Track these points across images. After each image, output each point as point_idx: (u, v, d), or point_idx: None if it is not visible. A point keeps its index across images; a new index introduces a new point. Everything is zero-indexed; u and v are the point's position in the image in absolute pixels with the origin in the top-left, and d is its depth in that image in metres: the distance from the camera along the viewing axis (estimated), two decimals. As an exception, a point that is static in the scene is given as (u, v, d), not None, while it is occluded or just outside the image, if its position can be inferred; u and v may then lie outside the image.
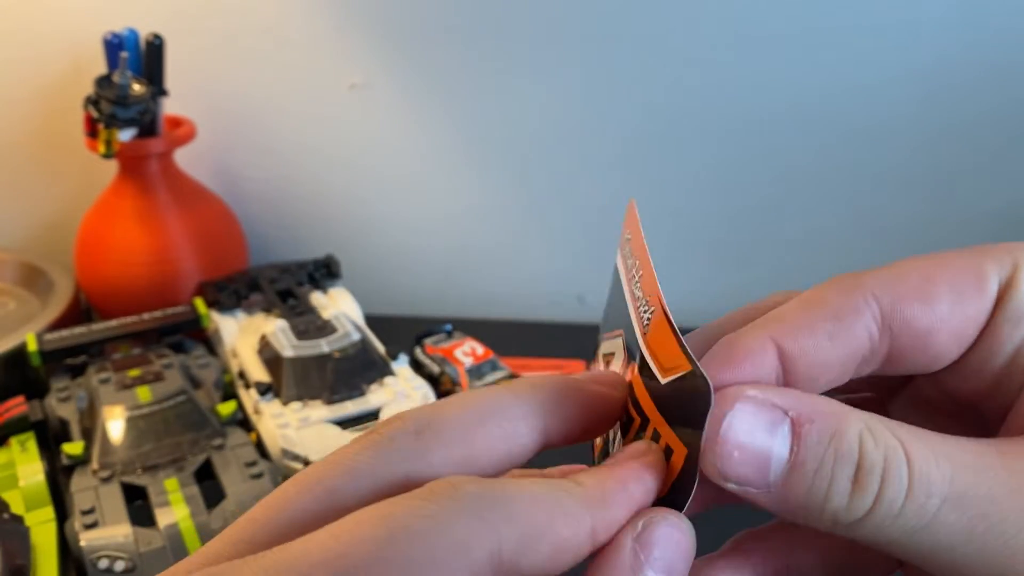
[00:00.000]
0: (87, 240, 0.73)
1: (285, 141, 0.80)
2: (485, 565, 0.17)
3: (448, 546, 0.17)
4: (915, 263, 0.21)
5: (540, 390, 0.21)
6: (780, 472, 0.19)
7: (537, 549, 0.18)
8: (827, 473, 0.18)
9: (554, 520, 0.18)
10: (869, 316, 0.21)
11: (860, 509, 0.18)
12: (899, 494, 0.18)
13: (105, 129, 0.65)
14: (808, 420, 0.19)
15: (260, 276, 0.72)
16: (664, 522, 0.19)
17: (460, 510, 0.17)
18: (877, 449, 0.18)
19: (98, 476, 0.51)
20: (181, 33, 0.73)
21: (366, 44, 0.75)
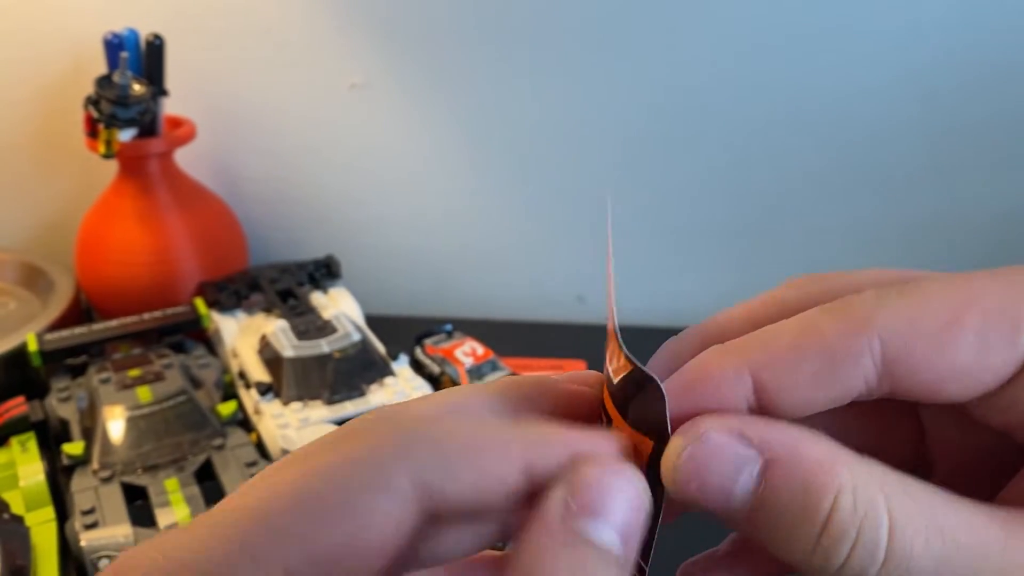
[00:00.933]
0: (87, 240, 0.73)
1: (285, 141, 0.80)
2: (409, 494, 0.17)
3: (366, 475, 0.17)
4: (937, 294, 0.18)
5: (510, 387, 0.21)
6: (743, 504, 0.17)
7: (461, 477, 0.17)
8: (788, 525, 0.17)
9: (479, 447, 0.18)
10: (869, 362, 0.18)
11: (825, 568, 0.17)
12: (874, 561, 0.16)
13: (105, 129, 0.65)
14: (782, 469, 0.17)
15: (260, 276, 0.72)
16: (602, 468, 0.17)
17: (378, 444, 0.17)
18: (855, 511, 0.16)
19: (98, 476, 0.51)
20: (181, 33, 0.73)
21: (366, 44, 0.75)
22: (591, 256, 0.81)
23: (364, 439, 0.18)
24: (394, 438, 0.18)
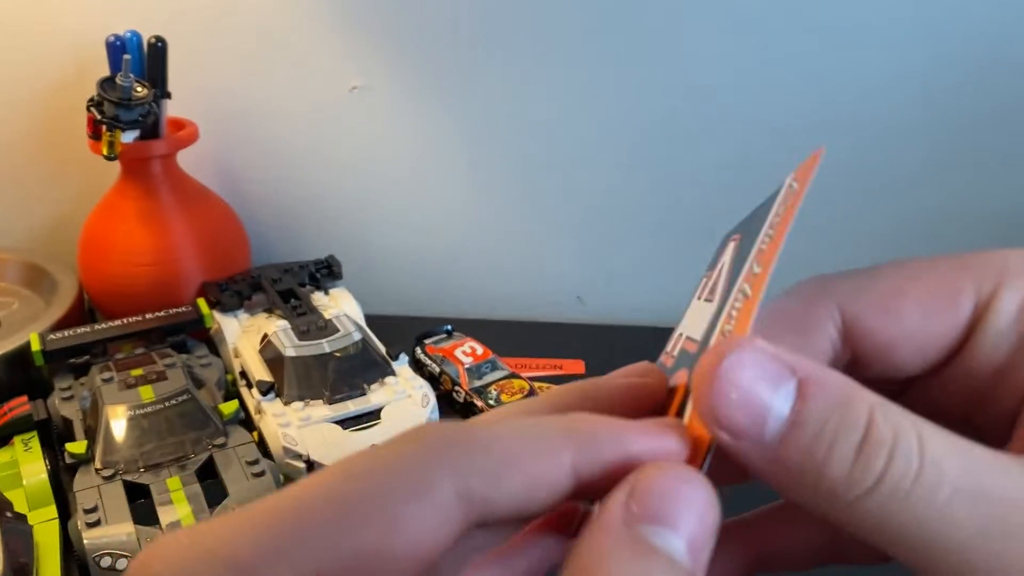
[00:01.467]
0: (90, 241, 0.73)
1: (287, 143, 0.80)
2: (452, 503, 0.16)
3: (407, 485, 0.16)
4: (888, 271, 0.20)
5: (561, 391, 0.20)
6: (778, 428, 0.17)
7: (508, 484, 0.17)
8: (829, 436, 0.17)
9: (526, 453, 0.17)
10: (831, 326, 0.20)
11: (862, 483, 0.17)
12: (908, 472, 0.16)
13: (108, 131, 0.65)
14: (817, 385, 0.17)
15: (262, 276, 0.72)
16: (665, 473, 0.17)
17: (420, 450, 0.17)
18: (887, 424, 0.17)
19: (101, 475, 0.51)
20: (184, 35, 0.73)
21: (367, 46, 0.75)
22: (591, 256, 0.82)
23: (406, 447, 0.17)
24: (438, 444, 0.17)
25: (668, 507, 0.16)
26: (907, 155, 0.75)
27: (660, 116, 0.75)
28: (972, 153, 0.74)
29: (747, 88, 0.73)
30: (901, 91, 0.72)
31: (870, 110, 0.73)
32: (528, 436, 0.18)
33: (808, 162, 0.23)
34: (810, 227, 0.78)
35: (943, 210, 0.77)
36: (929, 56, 0.71)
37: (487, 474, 0.17)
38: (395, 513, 0.16)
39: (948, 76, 0.71)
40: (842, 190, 0.77)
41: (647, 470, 0.17)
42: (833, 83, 0.73)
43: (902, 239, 0.78)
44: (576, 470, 0.17)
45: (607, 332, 0.78)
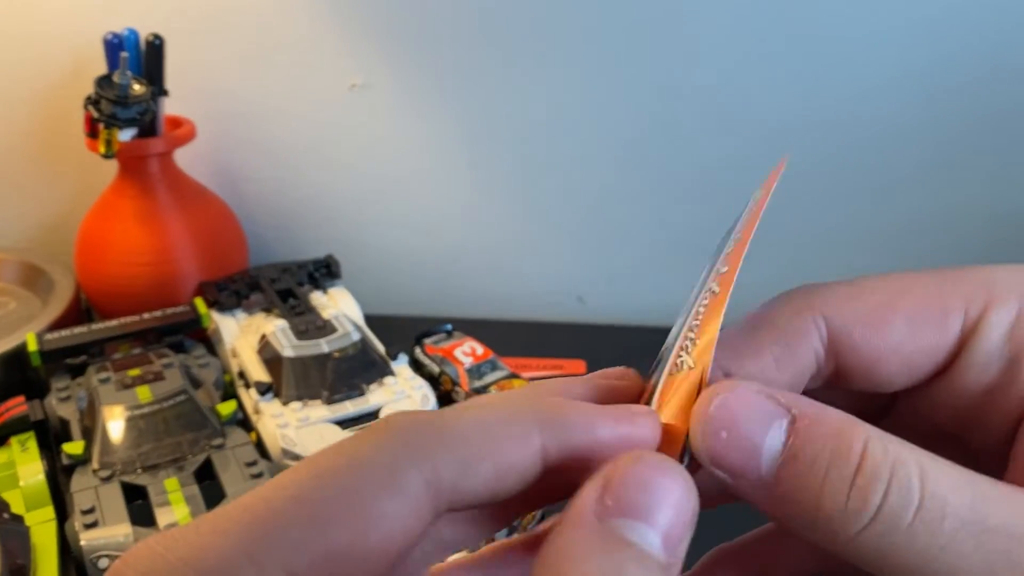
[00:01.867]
0: (87, 240, 0.73)
1: (285, 141, 0.80)
2: (423, 493, 0.16)
3: (375, 477, 0.16)
4: (877, 284, 0.20)
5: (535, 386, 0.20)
6: (772, 464, 0.17)
7: (477, 472, 0.17)
8: (821, 469, 0.17)
9: (495, 441, 0.17)
10: (816, 338, 0.20)
11: (860, 516, 0.16)
12: (909, 504, 0.16)
13: (105, 129, 0.65)
14: (810, 419, 0.17)
15: (260, 276, 0.72)
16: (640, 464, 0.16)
17: (388, 442, 0.17)
18: (884, 456, 0.17)
19: (98, 476, 0.51)
20: (181, 33, 0.73)
21: (366, 44, 0.75)
22: (591, 256, 0.81)
23: (374, 440, 0.17)
24: (405, 437, 0.17)
25: (642, 499, 0.16)
26: (908, 157, 0.75)
27: (661, 116, 0.75)
28: (973, 155, 0.74)
29: (748, 89, 0.73)
30: (902, 93, 0.72)
31: (871, 112, 0.73)
32: (497, 420, 0.18)
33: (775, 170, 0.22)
34: (811, 227, 0.78)
35: (944, 212, 0.76)
36: (930, 58, 0.70)
37: (457, 462, 0.17)
38: (366, 511, 0.16)
39: (949, 78, 0.71)
40: (842, 192, 0.76)
41: (622, 461, 0.17)
42: (834, 83, 0.72)
43: (903, 241, 0.78)
44: (545, 454, 0.17)
45: (608, 332, 0.78)
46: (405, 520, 0.16)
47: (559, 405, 0.18)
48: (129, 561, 0.16)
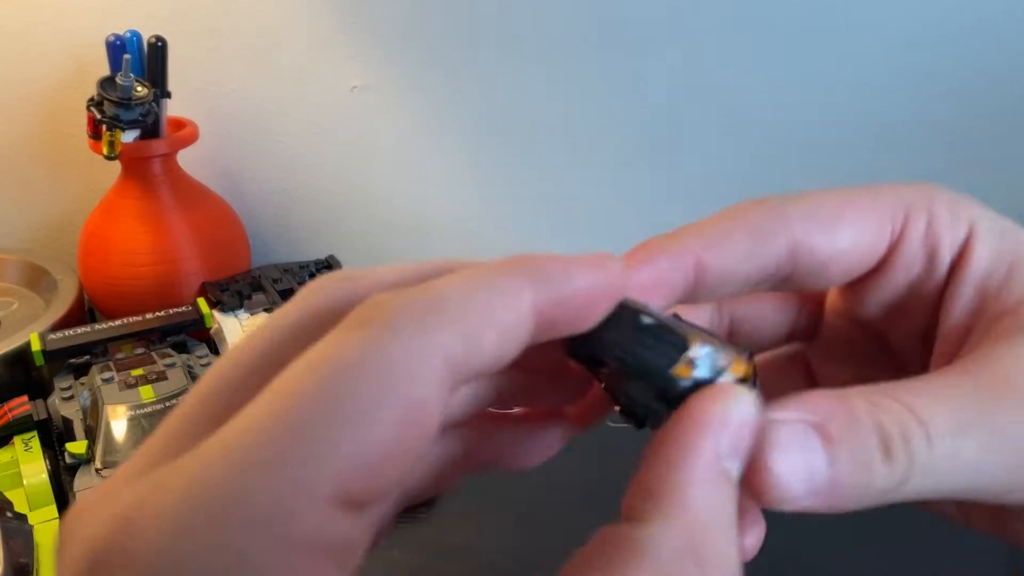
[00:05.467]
0: (91, 241, 0.73)
1: (287, 143, 0.80)
2: (436, 380, 0.16)
3: (392, 375, 0.15)
4: (828, 197, 0.23)
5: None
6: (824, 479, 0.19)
7: (483, 345, 0.17)
8: (861, 459, 0.19)
9: (493, 308, 0.17)
10: (783, 243, 0.23)
11: (900, 474, 0.19)
12: (923, 448, 0.19)
13: (108, 131, 0.65)
14: (825, 422, 0.19)
15: (262, 276, 0.72)
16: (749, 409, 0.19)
17: (395, 330, 0.16)
18: (890, 418, 0.19)
19: (101, 475, 0.51)
20: (184, 35, 0.73)
21: (368, 46, 0.75)
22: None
23: (379, 328, 0.16)
24: (409, 320, 0.16)
25: (746, 441, 0.19)
26: (909, 157, 0.75)
27: (664, 116, 0.75)
28: (973, 154, 0.74)
29: (749, 89, 0.73)
30: (903, 92, 0.72)
31: (872, 111, 0.73)
32: (490, 285, 0.18)
33: None
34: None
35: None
36: (930, 58, 0.71)
37: (465, 341, 0.17)
38: (398, 401, 0.15)
39: (948, 76, 0.71)
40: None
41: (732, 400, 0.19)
42: (835, 83, 0.72)
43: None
44: (536, 310, 0.18)
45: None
46: (433, 406, 0.16)
47: (538, 260, 0.19)
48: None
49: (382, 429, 0.15)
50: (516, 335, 0.18)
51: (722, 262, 0.23)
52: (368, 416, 0.15)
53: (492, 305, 0.17)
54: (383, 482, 0.16)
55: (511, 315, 0.17)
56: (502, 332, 0.17)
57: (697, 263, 0.22)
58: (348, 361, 0.15)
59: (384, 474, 0.16)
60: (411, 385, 0.16)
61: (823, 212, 0.23)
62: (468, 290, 0.17)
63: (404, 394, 0.16)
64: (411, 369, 0.16)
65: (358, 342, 0.16)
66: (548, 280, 0.18)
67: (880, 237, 0.23)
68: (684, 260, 0.23)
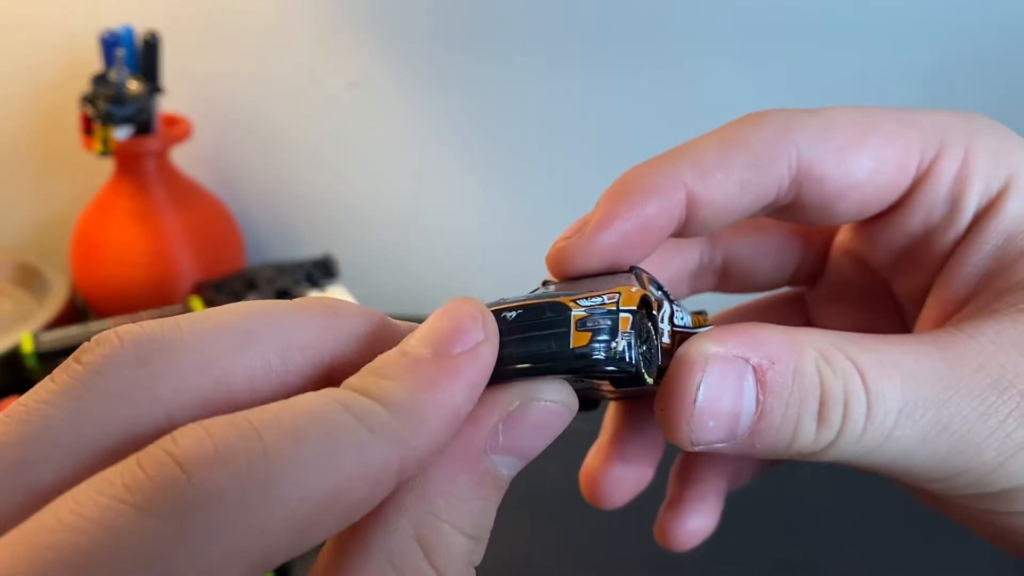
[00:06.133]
0: (83, 239, 0.72)
1: (282, 139, 0.79)
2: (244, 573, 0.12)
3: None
4: (847, 117, 0.20)
5: (332, 307, 0.17)
6: (748, 424, 0.18)
7: (320, 525, 0.13)
8: (793, 416, 0.18)
9: (345, 485, 0.14)
10: (785, 169, 0.20)
11: (825, 441, 0.18)
12: (860, 419, 0.18)
13: (101, 127, 0.65)
14: (769, 365, 0.18)
15: (257, 275, 0.71)
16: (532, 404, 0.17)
17: (193, 522, 0.12)
18: (836, 379, 0.18)
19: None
20: (177, 30, 0.72)
21: (365, 41, 0.75)
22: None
23: (163, 494, 0.12)
24: (214, 496, 0.12)
25: (520, 435, 0.17)
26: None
27: (664, 116, 0.75)
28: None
29: (750, 89, 0.73)
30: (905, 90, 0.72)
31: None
32: (344, 452, 0.14)
33: None
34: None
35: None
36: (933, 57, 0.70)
37: (293, 530, 0.13)
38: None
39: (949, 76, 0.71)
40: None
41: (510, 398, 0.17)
42: (833, 82, 0.72)
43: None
44: (402, 472, 0.15)
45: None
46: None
47: (414, 397, 0.16)
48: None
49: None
50: (366, 506, 0.14)
51: (716, 195, 0.20)
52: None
53: (344, 483, 0.13)
54: None
55: (363, 491, 0.14)
56: (350, 509, 0.14)
57: (689, 197, 0.20)
58: (119, 552, 0.11)
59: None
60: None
61: (838, 136, 0.20)
62: (316, 455, 0.13)
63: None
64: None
65: (136, 537, 0.11)
66: (418, 438, 0.15)
67: (902, 172, 0.20)
68: (674, 197, 0.20)
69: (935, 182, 0.20)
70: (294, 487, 0.13)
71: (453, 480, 0.16)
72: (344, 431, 0.14)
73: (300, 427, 0.13)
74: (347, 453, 0.14)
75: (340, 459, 0.13)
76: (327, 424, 0.14)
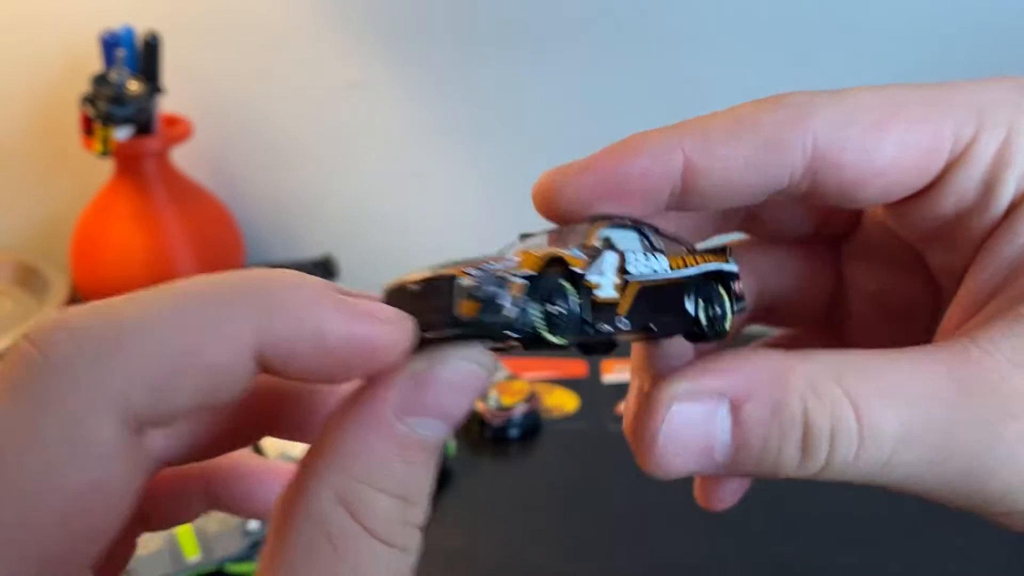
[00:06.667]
0: (83, 239, 0.72)
1: (282, 139, 0.79)
2: (111, 434, 0.14)
3: (53, 455, 0.13)
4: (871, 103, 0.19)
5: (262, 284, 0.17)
6: (726, 453, 0.18)
7: (178, 394, 0.15)
8: (774, 448, 0.18)
9: (195, 347, 0.15)
10: (799, 156, 0.19)
11: (812, 469, 0.18)
12: (851, 449, 0.17)
13: (102, 127, 0.65)
14: (746, 398, 0.18)
15: (257, 276, 0.71)
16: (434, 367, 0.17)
17: (58, 376, 0.13)
18: (823, 411, 0.17)
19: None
20: (178, 31, 0.72)
21: (364, 41, 0.74)
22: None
23: (35, 386, 0.14)
24: (76, 369, 0.14)
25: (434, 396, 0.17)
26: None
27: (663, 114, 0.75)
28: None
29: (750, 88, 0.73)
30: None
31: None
32: (196, 315, 0.15)
33: None
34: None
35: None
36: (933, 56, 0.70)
37: (149, 385, 0.14)
38: (59, 486, 0.14)
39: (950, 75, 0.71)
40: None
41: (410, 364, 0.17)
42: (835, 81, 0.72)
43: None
44: (261, 354, 0.15)
45: (607, 332, 0.77)
46: (110, 481, 0.14)
47: (283, 291, 0.16)
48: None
49: (42, 527, 0.14)
50: (230, 382, 0.15)
51: (717, 168, 0.19)
52: (17, 522, 0.13)
53: (193, 343, 0.15)
54: (78, 555, 0.14)
55: (219, 358, 0.15)
56: (209, 378, 0.15)
57: (687, 166, 0.19)
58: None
59: (74, 553, 0.14)
60: (75, 466, 0.14)
61: (860, 121, 0.19)
62: (164, 320, 0.15)
63: (64, 484, 0.14)
64: (76, 440, 0.13)
65: (7, 393, 0.13)
66: (284, 321, 0.15)
67: (932, 157, 0.19)
68: (668, 161, 0.19)
69: (969, 166, 0.19)
70: (143, 345, 0.14)
71: (367, 445, 0.16)
72: (199, 299, 0.15)
73: (153, 298, 0.15)
74: (196, 316, 0.15)
75: (191, 319, 0.15)
76: (183, 294, 0.15)
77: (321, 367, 0.16)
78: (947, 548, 0.48)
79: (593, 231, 0.20)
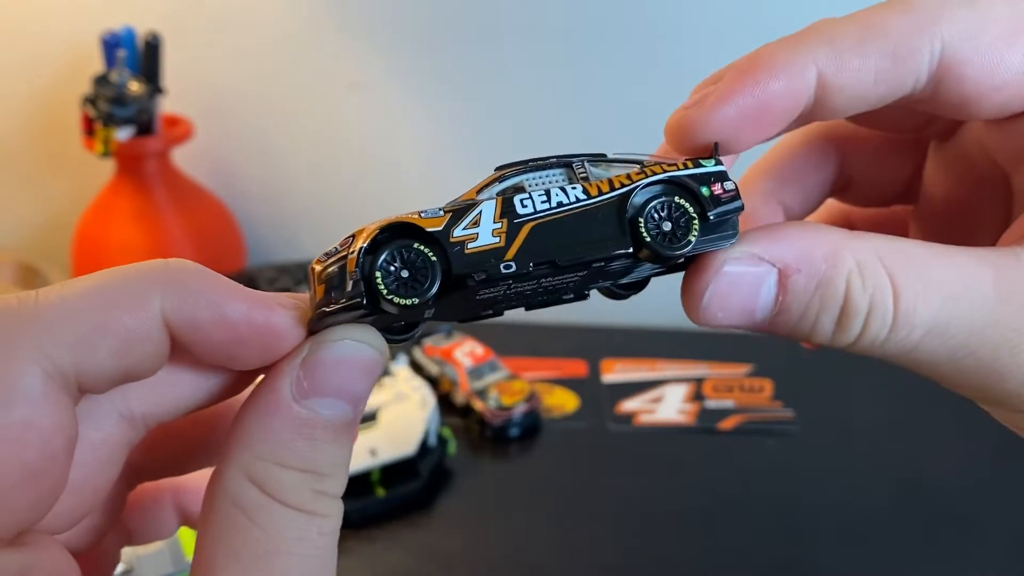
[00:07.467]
0: (84, 240, 0.72)
1: (283, 140, 0.79)
2: (35, 382, 0.16)
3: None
4: (1003, 11, 0.19)
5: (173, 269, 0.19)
6: (766, 316, 0.19)
7: (99, 354, 0.16)
8: (811, 318, 0.19)
9: (108, 309, 0.17)
10: (925, 63, 0.18)
11: (843, 341, 0.19)
12: (881, 330, 0.18)
13: (103, 128, 0.65)
14: (795, 270, 0.18)
15: (258, 276, 0.71)
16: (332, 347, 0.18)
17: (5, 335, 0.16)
18: (864, 291, 0.18)
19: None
20: (179, 31, 0.72)
21: (365, 42, 0.75)
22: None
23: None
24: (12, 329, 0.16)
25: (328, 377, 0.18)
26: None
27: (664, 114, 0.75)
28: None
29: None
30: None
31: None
32: (110, 286, 0.17)
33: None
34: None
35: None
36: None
37: (74, 346, 0.16)
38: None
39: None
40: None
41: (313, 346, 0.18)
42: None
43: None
44: (168, 322, 0.17)
45: (607, 333, 0.77)
46: (44, 431, 0.16)
47: (187, 273, 0.18)
48: None
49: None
50: (144, 346, 0.17)
51: (848, 83, 0.19)
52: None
53: (107, 307, 0.16)
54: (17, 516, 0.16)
55: (131, 322, 0.17)
56: (120, 337, 0.16)
57: (820, 81, 0.19)
58: None
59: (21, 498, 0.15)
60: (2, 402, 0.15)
61: (989, 31, 0.18)
62: (83, 291, 0.17)
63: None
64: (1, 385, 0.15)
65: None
66: (188, 296, 0.17)
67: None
68: (804, 78, 0.19)
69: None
70: (61, 310, 0.16)
71: (268, 426, 0.18)
72: (111, 275, 0.17)
73: (74, 279, 0.17)
74: (109, 288, 0.17)
75: (104, 290, 0.17)
76: (98, 274, 0.17)
77: (223, 343, 0.17)
78: (947, 548, 0.48)
79: (483, 185, 0.21)
